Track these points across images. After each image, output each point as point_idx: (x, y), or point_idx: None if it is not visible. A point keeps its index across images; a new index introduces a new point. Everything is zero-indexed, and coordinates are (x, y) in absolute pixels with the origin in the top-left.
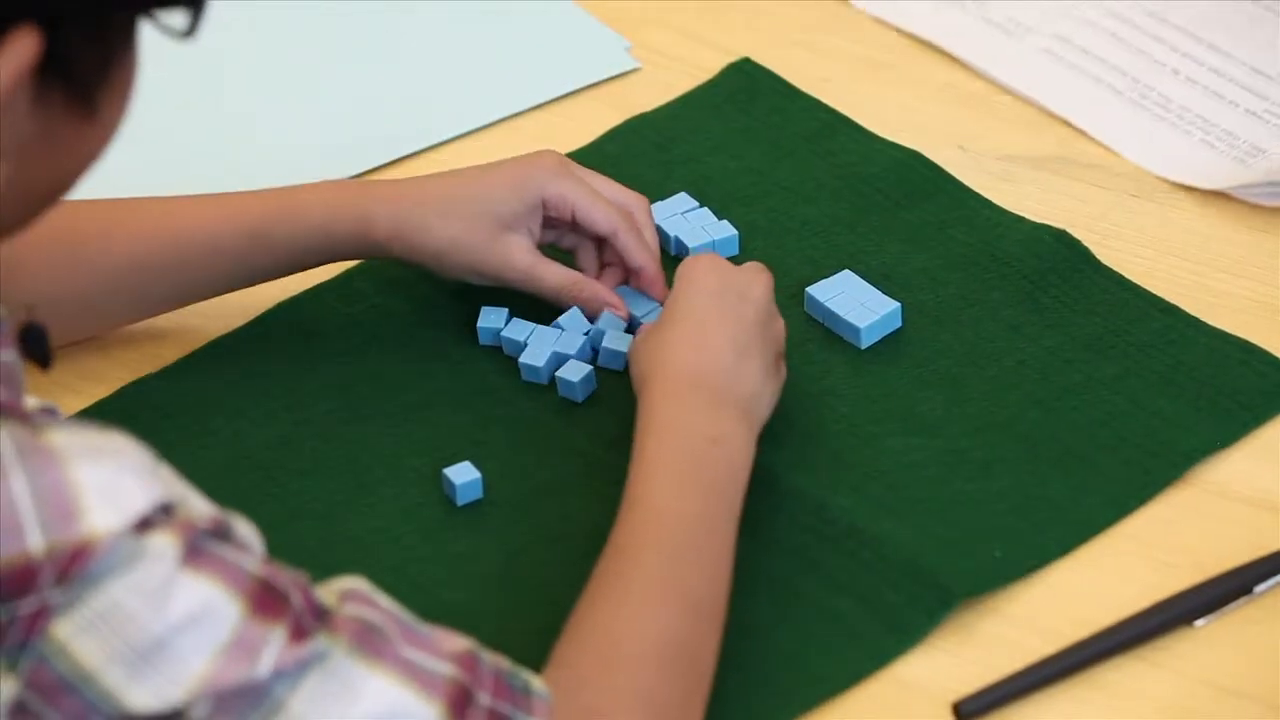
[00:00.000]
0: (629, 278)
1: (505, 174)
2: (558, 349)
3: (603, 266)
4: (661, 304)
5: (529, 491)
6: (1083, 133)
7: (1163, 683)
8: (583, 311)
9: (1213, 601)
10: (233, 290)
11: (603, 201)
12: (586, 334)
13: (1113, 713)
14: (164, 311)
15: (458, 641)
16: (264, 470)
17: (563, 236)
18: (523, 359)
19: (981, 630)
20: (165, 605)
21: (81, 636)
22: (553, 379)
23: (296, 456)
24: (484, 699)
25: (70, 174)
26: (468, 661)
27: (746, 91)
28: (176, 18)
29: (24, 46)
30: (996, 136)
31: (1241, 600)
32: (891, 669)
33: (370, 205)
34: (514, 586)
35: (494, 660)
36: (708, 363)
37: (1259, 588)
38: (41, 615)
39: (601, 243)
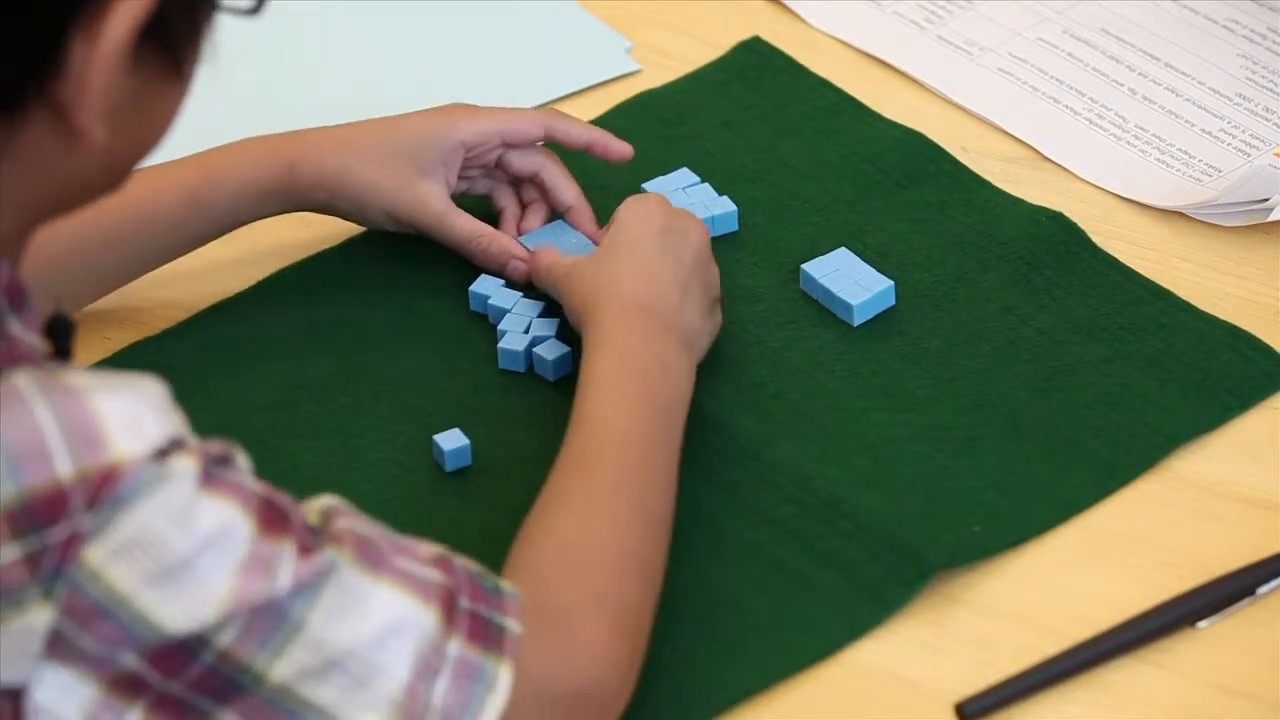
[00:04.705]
0: (561, 214)
1: (423, 121)
2: (538, 332)
3: (524, 207)
4: (592, 239)
5: (518, 459)
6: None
7: (1165, 684)
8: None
9: (1215, 603)
10: (179, 256)
11: (525, 114)
12: None
13: (1115, 714)
14: (118, 286)
15: (431, 548)
16: (258, 432)
17: (475, 183)
18: (502, 344)
19: (983, 630)
20: (190, 525)
21: (114, 561)
22: (530, 364)
23: (291, 419)
24: (464, 602)
25: (152, 138)
26: (446, 565)
27: (756, 69)
28: None
29: (138, 2)
30: (999, 137)
31: (1244, 602)
32: (893, 669)
33: (294, 154)
34: (500, 553)
35: (465, 564)
36: (656, 296)
37: (1262, 589)
38: (74, 542)
39: (519, 184)
